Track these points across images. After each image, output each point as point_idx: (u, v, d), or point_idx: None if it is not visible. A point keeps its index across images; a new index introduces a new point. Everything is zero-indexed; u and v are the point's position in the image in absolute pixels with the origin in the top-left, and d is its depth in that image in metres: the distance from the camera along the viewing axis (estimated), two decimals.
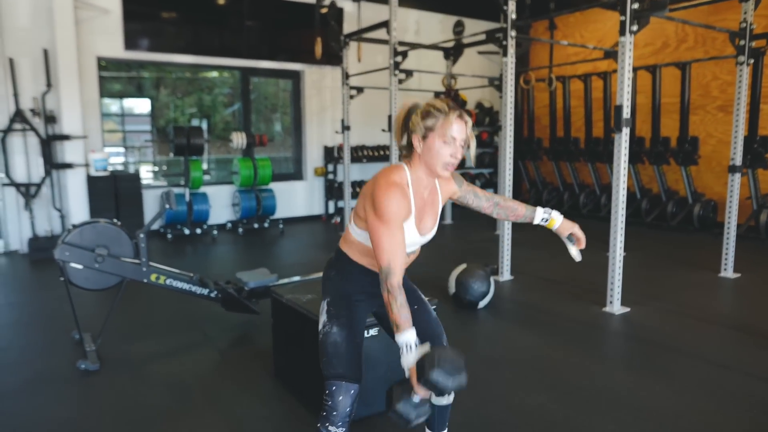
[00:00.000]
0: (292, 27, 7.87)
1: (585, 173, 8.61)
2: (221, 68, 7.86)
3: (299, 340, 2.73)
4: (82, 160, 6.16)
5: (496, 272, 4.86)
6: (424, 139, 1.64)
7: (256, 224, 7.34)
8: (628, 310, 4.01)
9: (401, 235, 1.61)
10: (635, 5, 3.75)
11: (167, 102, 7.79)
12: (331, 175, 8.31)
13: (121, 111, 7.50)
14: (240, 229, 7.21)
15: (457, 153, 1.64)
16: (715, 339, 3.51)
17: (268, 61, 7.76)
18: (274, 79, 8.36)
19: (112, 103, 7.36)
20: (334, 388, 1.71)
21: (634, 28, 3.78)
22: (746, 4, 4.60)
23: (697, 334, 3.59)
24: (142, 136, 7.71)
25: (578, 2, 4.84)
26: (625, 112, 3.83)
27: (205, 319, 3.85)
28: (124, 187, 6.37)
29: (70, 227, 3.22)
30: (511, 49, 4.63)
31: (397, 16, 5.92)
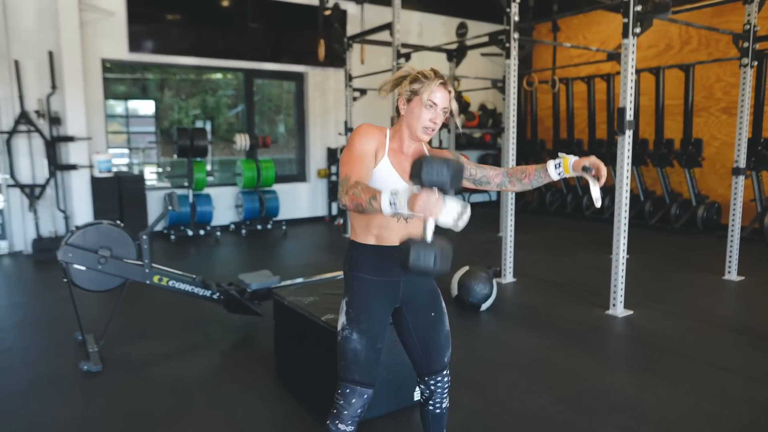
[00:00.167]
0: (296, 29, 7.89)
1: None
2: (225, 70, 7.90)
3: (301, 342, 2.74)
4: (86, 162, 6.19)
5: (499, 274, 4.85)
6: (408, 102, 1.72)
7: (259, 226, 7.35)
8: (631, 312, 4.00)
9: (362, 163, 1.64)
10: (638, 7, 3.75)
11: (171, 103, 7.81)
12: (335, 177, 8.32)
13: (126, 112, 7.53)
14: (243, 230, 7.22)
15: (437, 119, 1.70)
16: (718, 342, 3.50)
17: (271, 63, 7.79)
18: (278, 81, 8.38)
19: (116, 104, 7.39)
20: (348, 391, 1.72)
21: (638, 30, 3.78)
22: (750, 6, 4.60)
23: (700, 337, 3.57)
24: (146, 138, 7.74)
25: (581, 4, 4.85)
26: (629, 114, 3.82)
27: (208, 320, 3.85)
28: (128, 188, 6.40)
29: (74, 228, 3.24)
30: (514, 51, 4.63)
31: (401, 18, 5.93)
